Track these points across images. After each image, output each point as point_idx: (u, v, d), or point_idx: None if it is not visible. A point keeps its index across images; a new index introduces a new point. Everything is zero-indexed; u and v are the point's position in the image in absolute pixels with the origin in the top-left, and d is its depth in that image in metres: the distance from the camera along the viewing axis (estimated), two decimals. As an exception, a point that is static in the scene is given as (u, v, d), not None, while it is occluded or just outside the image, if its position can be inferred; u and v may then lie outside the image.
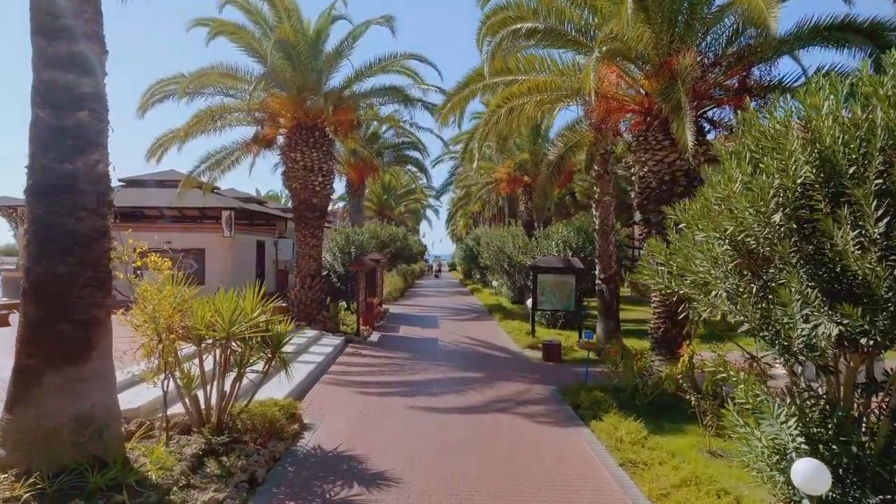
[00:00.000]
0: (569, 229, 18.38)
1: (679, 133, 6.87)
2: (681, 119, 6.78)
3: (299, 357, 11.80)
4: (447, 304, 26.27)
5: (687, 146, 6.66)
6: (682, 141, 6.74)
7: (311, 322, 15.34)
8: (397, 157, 26.70)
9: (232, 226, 17.70)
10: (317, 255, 15.92)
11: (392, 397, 9.32)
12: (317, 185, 15.51)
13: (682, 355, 9.08)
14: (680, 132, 6.80)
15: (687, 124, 6.70)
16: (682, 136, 6.71)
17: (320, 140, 15.62)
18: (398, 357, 12.88)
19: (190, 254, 17.96)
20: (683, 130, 6.70)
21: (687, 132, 6.67)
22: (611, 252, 13.35)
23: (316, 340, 13.78)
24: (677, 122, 6.92)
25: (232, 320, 6.54)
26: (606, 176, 13.35)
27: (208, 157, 16.28)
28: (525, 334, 15.57)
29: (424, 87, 15.63)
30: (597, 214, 13.43)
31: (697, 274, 5.15)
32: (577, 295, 14.48)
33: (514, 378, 10.95)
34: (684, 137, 6.69)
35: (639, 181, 9.57)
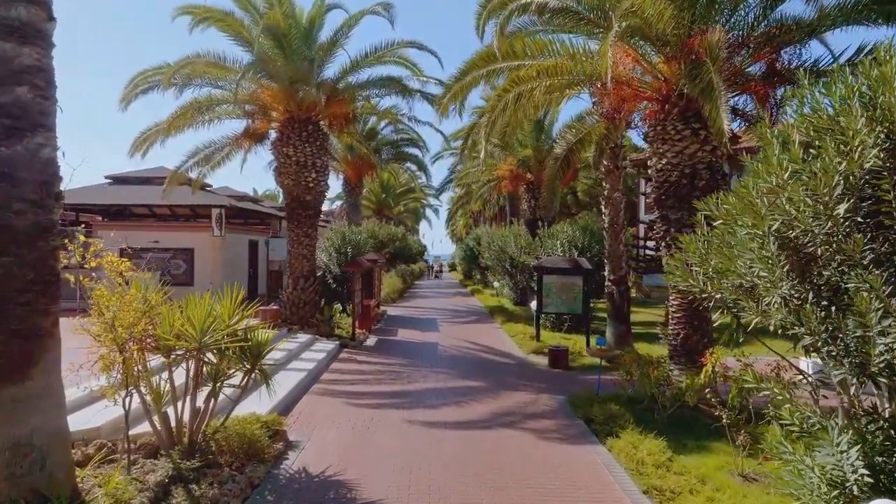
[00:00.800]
0: (574, 228, 17.60)
1: (713, 116, 6.11)
2: (714, 101, 6.03)
3: (289, 364, 11.04)
4: (447, 305, 25.52)
5: (722, 131, 5.89)
6: (717, 125, 5.98)
7: (304, 326, 14.57)
8: (396, 154, 25.95)
9: (222, 224, 16.94)
10: (310, 256, 15.16)
11: (388, 410, 8.56)
12: (310, 181, 14.74)
13: (705, 364, 8.35)
14: (714, 115, 6.04)
15: (721, 106, 5.94)
16: (717, 119, 5.95)
17: (314, 134, 14.85)
18: (395, 363, 12.12)
19: (178, 254, 17.19)
20: (718, 114, 5.94)
21: (722, 115, 5.91)
22: (621, 252, 12.59)
23: (308, 345, 13.01)
24: (709, 105, 6.17)
25: (204, 329, 5.76)
26: (616, 171, 12.60)
27: (196, 151, 15.52)
28: (529, 338, 14.81)
29: (423, 79, 14.88)
30: (606, 212, 12.67)
31: (744, 277, 4.40)
32: (584, 297, 13.72)
33: (519, 387, 10.19)
34: (719, 121, 5.93)
35: (656, 175, 8.81)
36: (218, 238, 17.07)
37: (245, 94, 14.32)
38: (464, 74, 8.74)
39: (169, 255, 17.18)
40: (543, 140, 21.20)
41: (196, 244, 17.17)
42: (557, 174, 11.19)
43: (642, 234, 28.60)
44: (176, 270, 17.23)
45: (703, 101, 6.38)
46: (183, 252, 17.15)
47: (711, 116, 6.19)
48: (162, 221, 18.13)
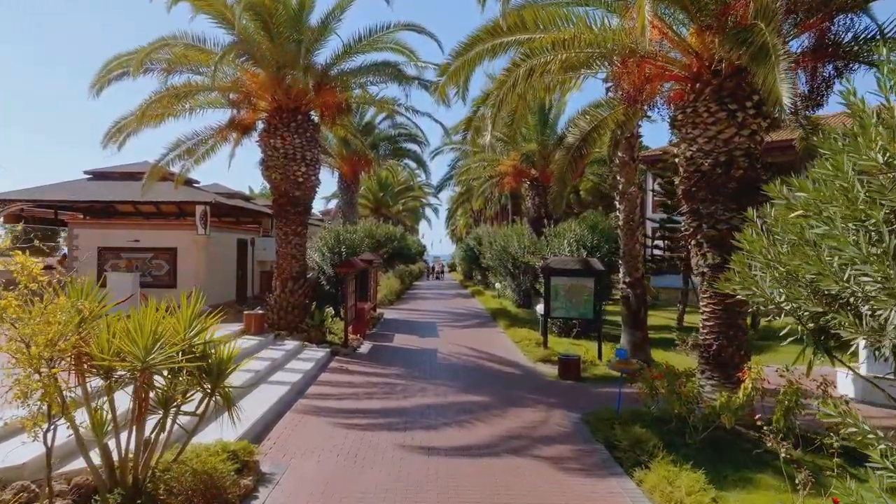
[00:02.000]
0: (582, 226, 16.55)
1: (768, 85, 5.05)
2: (771, 66, 4.96)
3: (272, 376, 9.96)
4: (447, 308, 24.44)
5: (781, 101, 4.82)
6: (775, 94, 4.91)
7: (292, 331, 13.49)
8: (394, 150, 24.88)
9: (207, 222, 15.86)
10: (300, 256, 14.08)
11: (380, 432, 7.48)
12: (299, 175, 13.66)
13: (743, 380, 7.29)
14: (770, 83, 4.97)
15: (780, 72, 4.87)
16: (775, 88, 4.89)
17: (303, 125, 13.77)
18: (391, 374, 11.04)
19: (160, 254, 16.10)
20: (776, 81, 4.87)
21: (782, 82, 4.83)
22: (637, 251, 11.53)
23: (295, 354, 11.94)
24: (764, 72, 5.10)
25: (148, 346, 4.69)
26: (632, 164, 11.54)
27: (178, 143, 14.43)
28: (536, 345, 13.74)
29: (421, 65, 13.79)
30: (621, 208, 11.61)
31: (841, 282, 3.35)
32: (596, 301, 12.64)
33: (527, 402, 9.12)
34: (777, 90, 4.86)
35: (685, 164, 7.74)
36: (202, 237, 15.99)
37: (228, 81, 13.26)
38: (466, 49, 7.67)
39: (150, 256, 16.09)
40: (548, 134, 20.15)
41: (179, 243, 16.08)
42: (569, 166, 10.12)
43: (650, 233, 27.55)
44: (157, 271, 16.14)
45: (756, 69, 5.31)
46: (165, 252, 16.06)
47: (766, 85, 5.12)
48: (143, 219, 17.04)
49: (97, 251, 15.90)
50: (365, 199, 39.29)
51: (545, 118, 20.10)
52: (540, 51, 6.94)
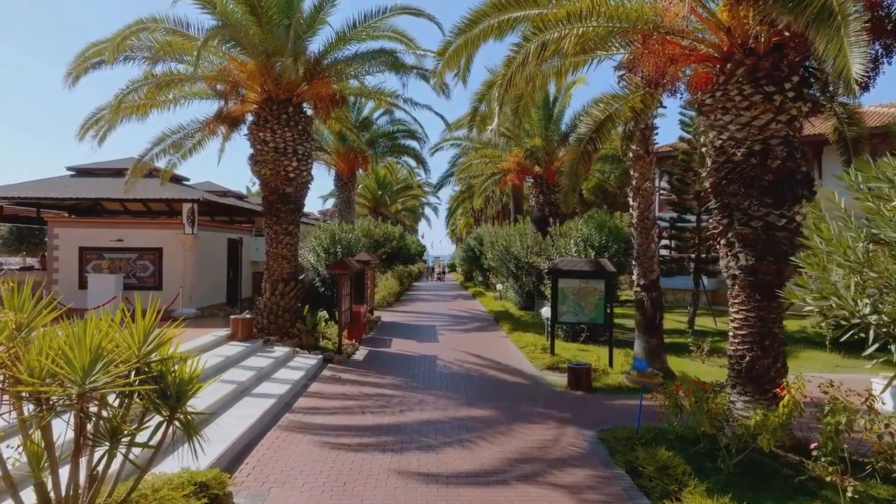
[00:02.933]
0: (589, 225, 15.74)
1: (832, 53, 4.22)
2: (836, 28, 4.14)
3: (257, 387, 9.14)
4: (447, 310, 23.62)
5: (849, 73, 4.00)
6: (840, 65, 4.09)
7: (283, 337, 12.68)
8: (392, 146, 24.06)
9: (195, 221, 15.05)
10: (291, 256, 13.26)
11: (373, 454, 6.66)
12: (290, 170, 12.85)
13: (782, 396, 6.48)
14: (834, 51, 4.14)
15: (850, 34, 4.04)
16: (841, 57, 4.08)
17: (295, 117, 12.96)
18: (387, 384, 10.23)
19: (145, 254, 15.29)
20: (842, 48, 4.05)
21: (851, 49, 4.00)
22: (653, 252, 10.72)
23: (285, 362, 11.12)
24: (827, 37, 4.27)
25: (85, 366, 3.87)
26: (647, 157, 10.74)
27: (163, 137, 13.62)
28: (541, 351, 12.94)
29: (420, 52, 12.96)
30: (634, 205, 10.80)
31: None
32: (607, 304, 11.84)
33: (536, 417, 8.31)
34: (843, 59, 4.04)
35: (714, 154, 6.93)
36: (189, 236, 15.17)
37: (215, 70, 12.45)
38: (470, 25, 6.86)
39: (134, 256, 15.28)
40: (553, 130, 19.34)
41: (165, 243, 15.27)
42: (581, 158, 9.30)
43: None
44: (142, 273, 15.33)
45: (815, 35, 4.49)
46: (150, 252, 15.25)
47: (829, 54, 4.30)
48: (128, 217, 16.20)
49: (78, 251, 15.09)
50: (363, 197, 38.46)
51: (549, 113, 19.30)
52: (553, 23, 6.12)
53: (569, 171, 9.84)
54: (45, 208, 18.15)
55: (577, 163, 9.51)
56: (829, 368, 11.81)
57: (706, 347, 12.67)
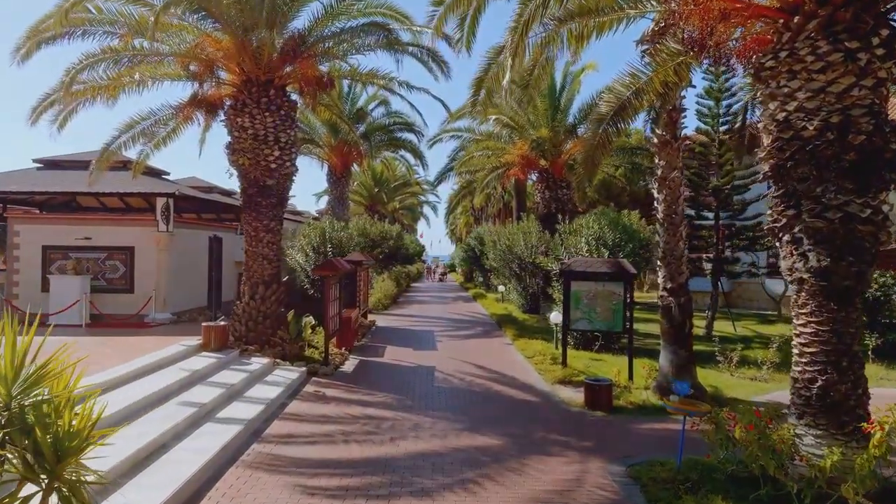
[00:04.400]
0: (602, 222, 14.42)
1: None
2: None
3: (223, 409, 7.80)
4: (446, 313, 22.28)
5: None
6: None
7: (263, 346, 11.35)
8: (388, 140, 22.71)
9: (170, 217, 13.71)
10: (273, 256, 11.93)
11: (355, 501, 5.33)
12: (272, 160, 11.53)
13: (868, 431, 5.16)
14: None
15: None
16: None
17: (277, 101, 11.63)
18: (377, 402, 8.90)
19: (115, 254, 13.95)
20: None
21: None
22: (681, 251, 9.39)
23: (262, 376, 9.78)
24: None
25: None
26: (675, 143, 9.41)
27: (131, 124, 12.31)
28: (551, 361, 11.63)
29: (416, 29, 11.63)
30: (660, 198, 9.48)
31: None
32: (626, 310, 10.52)
33: (553, 446, 6.99)
34: None
35: (776, 129, 5.61)
36: (164, 234, 13.84)
37: (187, 46, 11.11)
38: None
39: (103, 256, 13.94)
40: (560, 120, 18.02)
41: (137, 242, 13.93)
42: (600, 142, 7.99)
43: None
44: (111, 274, 13.99)
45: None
46: (120, 251, 13.91)
47: None
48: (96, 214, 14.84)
49: (41, 250, 13.75)
50: (359, 195, 37.11)
51: (556, 103, 17.99)
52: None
53: (585, 157, 8.52)
54: (14, 204, 16.81)
55: (596, 148, 8.19)
56: (873, 381, 10.48)
57: (735, 358, 11.37)
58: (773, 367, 11.17)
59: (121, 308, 13.65)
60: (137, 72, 11.05)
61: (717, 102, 16.99)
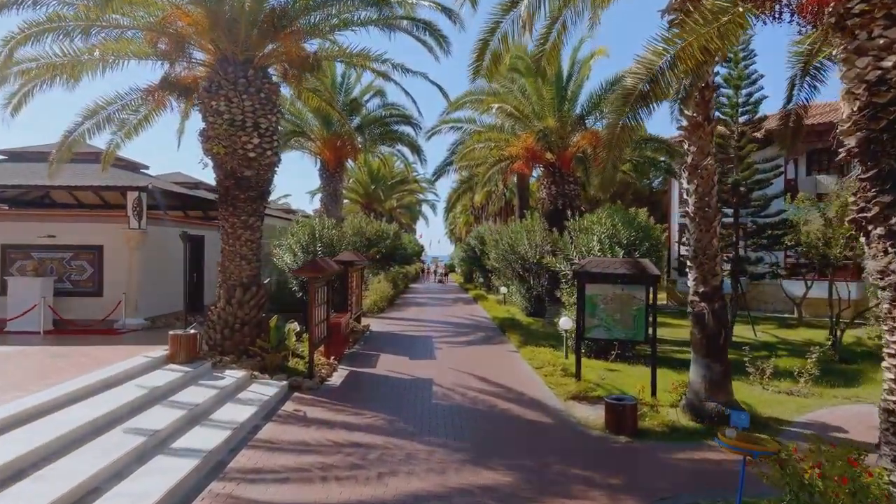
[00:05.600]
0: (615, 219, 13.22)
1: None
2: None
3: (183, 435, 6.58)
4: (445, 316, 21.06)
5: None
6: None
7: (240, 356, 10.14)
8: (384, 133, 21.50)
9: (142, 213, 12.49)
10: (252, 256, 10.72)
11: (326, 572, 4.12)
12: (250, 148, 10.32)
13: None
14: None
15: None
16: None
17: (256, 82, 10.43)
18: (365, 425, 7.68)
19: (81, 253, 12.72)
20: None
21: None
22: (715, 249, 8.18)
23: (235, 392, 8.56)
24: None
25: None
26: (707, 125, 8.20)
27: (96, 109, 11.09)
28: (563, 373, 10.44)
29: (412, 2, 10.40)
30: (690, 188, 8.27)
31: None
32: (648, 316, 9.32)
33: (573, 484, 5.79)
34: None
35: (867, 91, 4.41)
36: (136, 232, 12.60)
37: (155, 18, 9.89)
38: None
39: (69, 255, 12.71)
40: (567, 110, 16.81)
41: (106, 240, 12.69)
42: (626, 125, 6.79)
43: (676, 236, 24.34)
44: (78, 275, 12.75)
45: None
46: (87, 251, 12.67)
47: None
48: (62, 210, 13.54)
49: (1, 249, 12.52)
50: (355, 192, 35.87)
51: (563, 92, 16.78)
52: None
53: (608, 141, 7.29)
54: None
55: (622, 131, 6.96)
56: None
57: (769, 370, 10.15)
58: (811, 380, 9.96)
59: (88, 313, 12.42)
60: (98, 49, 9.81)
61: (736, 91, 15.82)
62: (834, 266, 12.69)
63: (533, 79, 16.42)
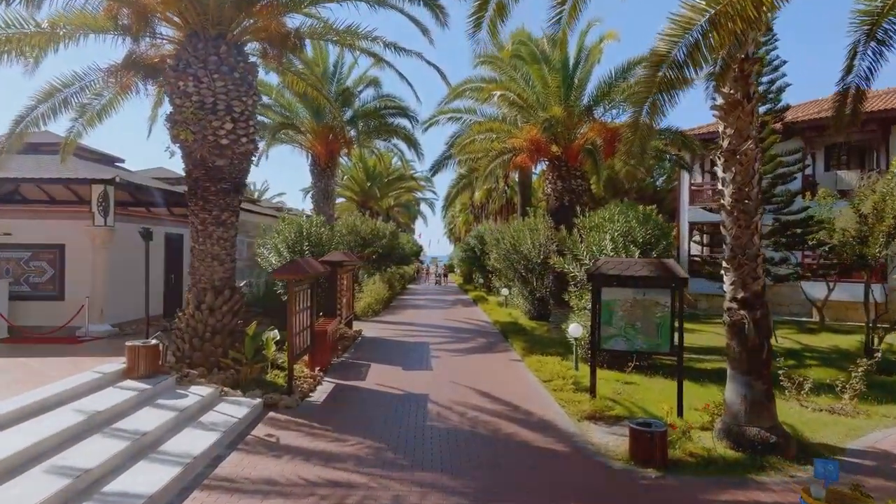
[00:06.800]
0: (629, 216, 12.08)
1: None
2: None
3: (119, 476, 5.38)
4: (444, 320, 19.90)
5: None
6: None
7: (211, 369, 8.99)
8: (379, 126, 20.33)
9: (108, 209, 11.32)
10: (226, 256, 9.57)
11: None
12: (222, 135, 9.17)
13: None
14: None
15: None
16: None
17: (229, 60, 9.28)
18: (347, 456, 6.50)
19: (41, 253, 11.55)
20: None
21: None
22: (757, 248, 7.02)
23: (198, 413, 7.40)
24: None
25: None
26: (747, 104, 7.04)
27: (51, 92, 9.92)
28: (573, 387, 9.34)
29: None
30: (727, 177, 7.10)
31: None
32: (674, 324, 8.15)
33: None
34: None
35: None
36: (101, 229, 11.42)
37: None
38: None
39: (27, 255, 11.54)
40: (574, 99, 15.67)
41: (68, 238, 11.53)
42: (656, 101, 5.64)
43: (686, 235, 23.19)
44: (37, 277, 11.59)
45: None
46: (48, 250, 11.51)
47: None
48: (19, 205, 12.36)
49: (-48, 249, 11.37)
50: (350, 190, 34.69)
51: (570, 80, 15.64)
52: None
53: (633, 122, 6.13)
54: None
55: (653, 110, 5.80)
56: None
57: (808, 384, 8.99)
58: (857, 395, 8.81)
59: (49, 319, 11.26)
60: (48, 21, 8.64)
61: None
62: (871, 266, 11.54)
63: (538, 66, 15.29)
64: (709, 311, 20.55)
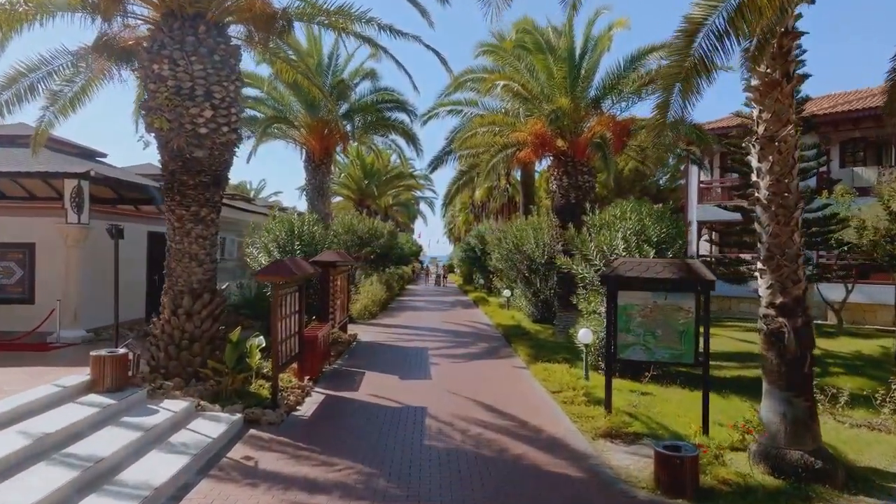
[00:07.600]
0: (642, 214, 11.29)
1: None
2: None
3: (59, 518, 4.57)
4: (444, 323, 19.09)
5: None
6: None
7: (188, 380, 8.17)
8: (376, 120, 19.52)
9: (83, 205, 10.52)
10: (205, 256, 8.77)
11: None
12: (201, 123, 8.37)
13: None
14: None
15: None
16: None
17: (208, 41, 8.48)
18: (332, 484, 5.69)
19: (9, 252, 10.75)
20: None
21: None
22: (797, 248, 6.22)
23: (168, 432, 6.58)
24: None
25: None
26: (787, 85, 6.24)
27: (15, 77, 9.11)
28: (585, 399, 8.55)
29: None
30: (763, 167, 6.30)
31: None
32: (699, 332, 7.34)
33: None
34: None
35: None
36: (76, 227, 10.62)
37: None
38: None
39: (-6, 255, 10.75)
40: (581, 91, 14.86)
41: (38, 236, 10.73)
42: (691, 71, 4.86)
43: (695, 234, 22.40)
44: (5, 279, 10.78)
45: None
46: (16, 249, 10.71)
47: None
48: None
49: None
50: (347, 188, 33.86)
51: (577, 71, 14.83)
52: None
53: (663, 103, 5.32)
54: None
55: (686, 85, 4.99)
56: None
57: (844, 397, 8.18)
58: (894, 409, 8.01)
59: (17, 323, 10.46)
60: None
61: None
62: (904, 267, 10.76)
63: (543, 55, 14.49)
64: (719, 314, 19.76)
